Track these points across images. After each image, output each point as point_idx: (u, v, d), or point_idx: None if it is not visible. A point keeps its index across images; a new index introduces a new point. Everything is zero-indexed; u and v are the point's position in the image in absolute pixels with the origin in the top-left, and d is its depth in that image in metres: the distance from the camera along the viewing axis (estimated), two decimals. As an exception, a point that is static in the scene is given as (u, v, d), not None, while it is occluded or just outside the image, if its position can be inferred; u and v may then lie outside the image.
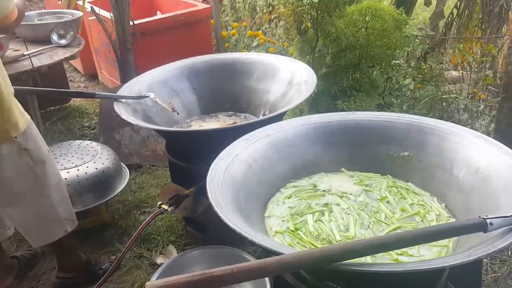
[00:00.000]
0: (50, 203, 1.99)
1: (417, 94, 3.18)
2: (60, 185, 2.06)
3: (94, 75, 4.68)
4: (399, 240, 1.18)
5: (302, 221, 1.59)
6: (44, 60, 2.82)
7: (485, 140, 1.60)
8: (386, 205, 1.65)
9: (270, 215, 1.66)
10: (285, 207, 1.68)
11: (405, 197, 1.67)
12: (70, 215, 2.10)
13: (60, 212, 2.03)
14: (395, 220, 1.57)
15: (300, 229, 1.56)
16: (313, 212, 1.63)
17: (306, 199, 1.70)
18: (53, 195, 1.99)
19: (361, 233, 1.53)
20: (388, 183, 1.75)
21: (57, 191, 2.01)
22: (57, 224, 2.04)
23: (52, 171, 2.00)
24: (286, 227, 1.58)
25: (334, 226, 1.56)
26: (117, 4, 3.19)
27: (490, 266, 2.21)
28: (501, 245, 1.15)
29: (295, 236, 1.54)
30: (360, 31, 2.66)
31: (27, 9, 6.14)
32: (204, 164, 1.61)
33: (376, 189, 1.72)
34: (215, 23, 4.08)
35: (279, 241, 1.53)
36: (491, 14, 3.39)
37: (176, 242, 2.49)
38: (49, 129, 3.76)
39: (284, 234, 1.56)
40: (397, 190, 1.71)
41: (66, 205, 2.08)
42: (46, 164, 1.94)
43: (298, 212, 1.64)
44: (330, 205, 1.66)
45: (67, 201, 2.09)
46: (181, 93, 2.55)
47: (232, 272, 1.04)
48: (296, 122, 1.88)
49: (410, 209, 1.62)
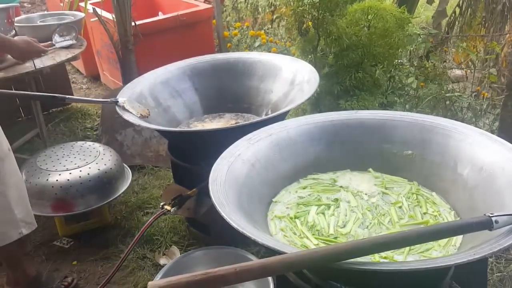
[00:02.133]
0: (5, 202, 1.90)
1: (420, 92, 3.16)
2: (19, 185, 1.98)
3: (96, 76, 4.68)
4: (405, 238, 1.17)
5: (305, 211, 1.61)
6: (46, 62, 2.82)
7: (489, 138, 1.59)
8: (397, 210, 1.61)
9: (278, 201, 1.69)
10: (295, 196, 1.71)
11: (421, 205, 1.62)
12: (28, 217, 2.00)
13: (17, 213, 1.94)
14: (398, 226, 1.55)
15: (299, 218, 1.59)
16: (319, 205, 1.64)
17: (319, 192, 1.71)
18: (9, 193, 1.90)
19: (356, 232, 1.52)
20: (411, 189, 1.70)
21: (14, 190, 1.93)
22: (12, 225, 1.94)
23: (11, 169, 1.92)
24: (287, 214, 1.61)
25: (333, 221, 1.57)
26: (119, 5, 3.19)
27: (495, 265, 2.19)
28: (507, 243, 1.14)
29: (290, 222, 1.57)
30: (362, 30, 2.65)
31: (30, 11, 6.16)
32: (207, 165, 1.61)
33: (395, 193, 1.69)
34: (217, 23, 4.08)
35: (274, 225, 1.57)
36: (494, 12, 3.37)
37: (179, 243, 2.48)
38: (52, 130, 3.76)
39: (281, 220, 1.58)
40: (416, 197, 1.66)
41: (24, 207, 1.99)
42: (4, 162, 1.87)
43: (305, 202, 1.66)
44: (340, 201, 1.66)
45: (25, 202, 2.01)
46: (183, 93, 2.55)
47: (235, 271, 1.04)
48: (298, 122, 1.87)
49: (420, 217, 1.58)
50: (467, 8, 3.58)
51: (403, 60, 3.33)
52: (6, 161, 1.90)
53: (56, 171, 2.47)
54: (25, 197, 2.03)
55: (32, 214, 2.06)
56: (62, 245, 2.57)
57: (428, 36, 3.30)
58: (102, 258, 2.46)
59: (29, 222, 2.02)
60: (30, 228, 2.02)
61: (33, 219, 2.06)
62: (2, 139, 1.89)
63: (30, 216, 2.03)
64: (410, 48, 3.21)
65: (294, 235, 1.53)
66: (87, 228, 2.61)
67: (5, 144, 1.92)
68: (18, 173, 2.02)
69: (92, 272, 2.39)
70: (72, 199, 2.43)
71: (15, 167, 1.98)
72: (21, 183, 2.03)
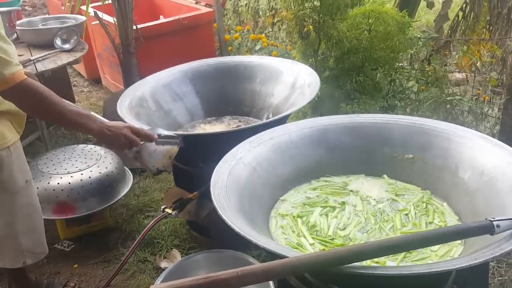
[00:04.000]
0: (12, 232, 1.91)
1: (421, 96, 3.17)
2: (33, 218, 1.96)
3: (98, 80, 4.69)
4: (408, 242, 1.17)
5: (309, 211, 1.62)
6: (48, 65, 2.83)
7: (490, 142, 1.59)
8: (402, 217, 1.60)
9: (285, 199, 1.71)
10: (303, 196, 1.72)
11: (428, 215, 1.60)
12: (36, 248, 2.00)
13: (23, 244, 1.94)
14: (399, 233, 1.54)
15: (301, 217, 1.60)
16: (325, 206, 1.65)
17: (328, 194, 1.72)
18: (18, 225, 1.90)
19: (355, 235, 1.53)
20: (422, 197, 1.67)
21: (24, 222, 1.92)
22: (16, 254, 1.95)
23: (25, 202, 1.91)
24: (291, 212, 1.62)
25: (334, 223, 1.57)
26: (120, 9, 3.20)
27: (496, 269, 2.19)
28: (509, 248, 1.14)
29: (292, 221, 1.58)
30: (363, 34, 2.65)
31: (31, 14, 6.18)
32: (208, 168, 1.61)
33: (405, 200, 1.67)
34: (218, 26, 4.09)
35: (275, 222, 1.59)
36: (500, 16, 3.37)
37: (180, 246, 2.48)
38: (53, 133, 3.76)
39: (284, 217, 1.60)
40: (426, 206, 1.64)
41: (33, 237, 1.98)
42: (17, 196, 1.87)
43: (311, 203, 1.67)
44: (346, 204, 1.67)
45: (36, 234, 2.00)
46: (185, 96, 2.55)
47: (237, 275, 1.04)
48: (300, 125, 1.87)
49: (424, 227, 1.56)
50: (470, 12, 3.59)
51: (403, 64, 3.34)
52: (20, 194, 1.88)
53: (57, 174, 2.48)
54: (37, 229, 2.00)
55: (44, 244, 2.04)
56: (63, 248, 2.57)
57: (429, 40, 3.30)
58: (103, 261, 2.46)
59: (37, 252, 2.02)
60: (36, 258, 2.02)
61: (44, 248, 2.05)
62: (18, 174, 1.85)
63: (39, 247, 2.02)
64: (411, 52, 3.22)
65: (292, 233, 1.55)
66: (88, 231, 2.61)
67: (22, 177, 1.88)
68: (35, 204, 1.99)
69: (93, 275, 2.39)
70: (73, 202, 2.43)
71: (31, 200, 1.96)
72: (36, 215, 1.99)
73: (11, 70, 1.55)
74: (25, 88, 1.59)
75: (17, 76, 1.56)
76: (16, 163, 1.84)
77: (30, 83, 1.60)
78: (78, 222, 2.58)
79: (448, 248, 1.44)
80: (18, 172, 1.85)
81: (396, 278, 1.19)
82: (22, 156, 1.90)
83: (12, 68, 1.55)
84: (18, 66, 1.59)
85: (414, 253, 1.42)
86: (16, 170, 1.84)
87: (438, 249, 1.43)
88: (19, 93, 1.59)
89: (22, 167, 1.89)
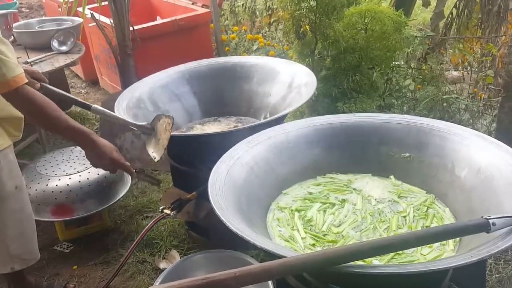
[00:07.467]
0: (1, 238, 1.91)
1: (418, 95, 3.18)
2: (23, 224, 1.97)
3: (95, 81, 4.69)
4: (403, 241, 1.18)
5: (308, 206, 1.64)
6: (45, 67, 2.83)
7: (486, 140, 1.60)
8: (400, 219, 1.60)
9: (287, 193, 1.74)
10: (305, 191, 1.75)
11: (426, 219, 1.60)
12: (25, 254, 2.01)
13: (12, 249, 1.95)
14: (393, 234, 1.54)
15: (299, 211, 1.62)
16: (324, 203, 1.66)
17: (330, 190, 1.74)
18: (7, 231, 1.91)
19: (348, 233, 1.54)
20: (425, 201, 1.67)
21: (14, 228, 1.93)
22: (4, 259, 1.96)
23: (14, 208, 1.91)
24: (290, 206, 1.64)
25: (330, 219, 1.59)
26: (117, 10, 3.20)
27: (494, 266, 2.20)
28: (505, 245, 1.15)
29: (289, 214, 1.61)
30: (359, 33, 2.66)
31: (28, 16, 6.17)
32: (206, 168, 1.61)
33: (407, 202, 1.67)
34: (215, 27, 4.09)
35: (272, 215, 1.62)
36: (490, 13, 3.39)
37: (179, 247, 2.48)
38: (51, 135, 3.75)
39: (282, 210, 1.63)
40: (426, 210, 1.63)
41: (23, 243, 1.99)
42: (5, 201, 1.87)
43: (311, 198, 1.69)
44: (346, 202, 1.68)
45: (26, 240, 2.00)
46: (182, 97, 2.55)
47: (235, 276, 1.04)
48: (297, 125, 1.88)
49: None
50: (464, 9, 3.60)
51: (400, 63, 3.34)
52: (10, 200, 1.88)
53: (55, 176, 2.48)
54: (28, 234, 2.01)
55: (34, 250, 2.05)
56: (62, 249, 2.57)
57: (425, 38, 3.31)
58: (102, 263, 2.46)
59: (26, 258, 2.02)
60: (25, 264, 2.02)
61: (35, 254, 2.05)
62: (7, 180, 1.85)
63: (29, 253, 2.03)
64: (407, 50, 3.22)
65: (287, 226, 1.57)
66: (87, 233, 2.61)
67: (11, 183, 1.88)
68: (26, 210, 1.99)
69: (92, 276, 2.39)
70: (71, 203, 2.44)
71: (22, 205, 1.96)
72: (26, 221, 1.99)
73: (13, 73, 1.57)
74: (25, 94, 1.62)
75: (19, 79, 1.60)
76: (6, 169, 1.84)
77: (28, 91, 1.63)
78: (77, 224, 2.58)
79: (439, 253, 1.44)
80: (7, 177, 1.85)
81: (394, 277, 1.20)
82: (14, 161, 1.90)
83: (15, 71, 1.58)
84: (19, 68, 1.61)
85: (403, 254, 1.43)
86: (5, 176, 1.84)
87: (428, 253, 1.43)
88: (20, 96, 1.62)
89: (12, 172, 1.89)
